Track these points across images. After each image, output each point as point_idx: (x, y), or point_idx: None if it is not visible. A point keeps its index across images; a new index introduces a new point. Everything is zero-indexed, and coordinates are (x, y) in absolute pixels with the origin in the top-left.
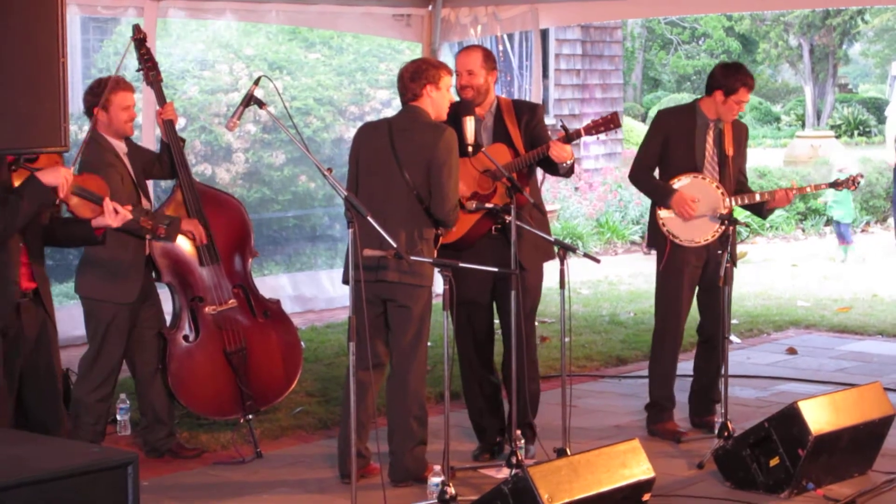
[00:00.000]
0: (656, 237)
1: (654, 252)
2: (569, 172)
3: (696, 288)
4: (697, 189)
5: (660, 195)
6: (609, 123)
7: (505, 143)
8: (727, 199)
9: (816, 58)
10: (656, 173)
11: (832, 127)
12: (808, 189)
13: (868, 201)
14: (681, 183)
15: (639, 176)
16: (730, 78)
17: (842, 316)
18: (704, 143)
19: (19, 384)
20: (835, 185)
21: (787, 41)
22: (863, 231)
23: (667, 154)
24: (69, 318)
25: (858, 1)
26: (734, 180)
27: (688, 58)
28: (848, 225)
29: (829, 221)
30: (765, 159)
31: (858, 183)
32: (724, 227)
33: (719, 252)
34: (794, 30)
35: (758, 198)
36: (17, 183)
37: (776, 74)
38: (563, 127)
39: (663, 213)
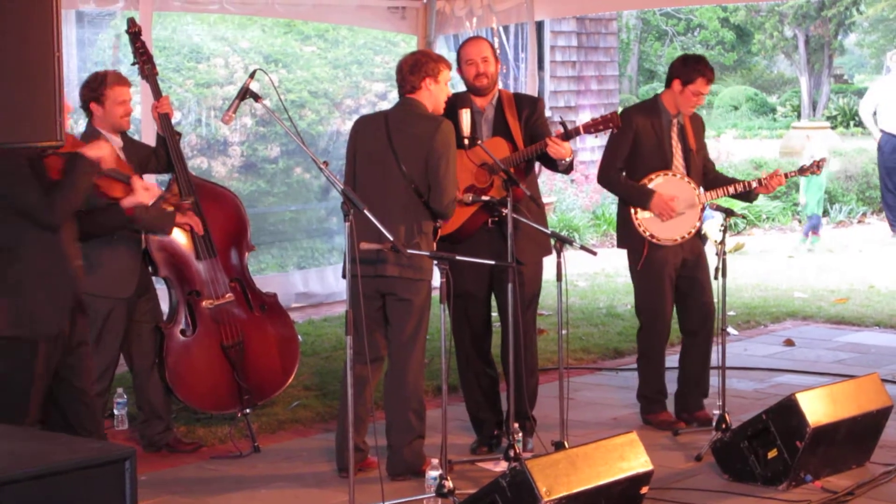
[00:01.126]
0: (629, 237)
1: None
2: (568, 169)
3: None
4: (672, 187)
5: (638, 198)
6: (608, 122)
7: (504, 136)
8: (701, 194)
9: (812, 48)
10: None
11: (828, 118)
12: (785, 176)
13: (864, 192)
14: (654, 182)
15: (610, 177)
16: (688, 68)
17: (839, 307)
18: (671, 139)
19: (54, 383)
20: (801, 171)
21: (782, 32)
22: (859, 222)
23: (636, 153)
24: None
25: None
26: (700, 172)
27: (683, 49)
28: (820, 216)
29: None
30: (761, 150)
31: (821, 167)
32: (702, 223)
33: (718, 243)
34: (789, 20)
35: (731, 190)
36: None
37: (771, 65)
38: (563, 124)
39: (641, 215)
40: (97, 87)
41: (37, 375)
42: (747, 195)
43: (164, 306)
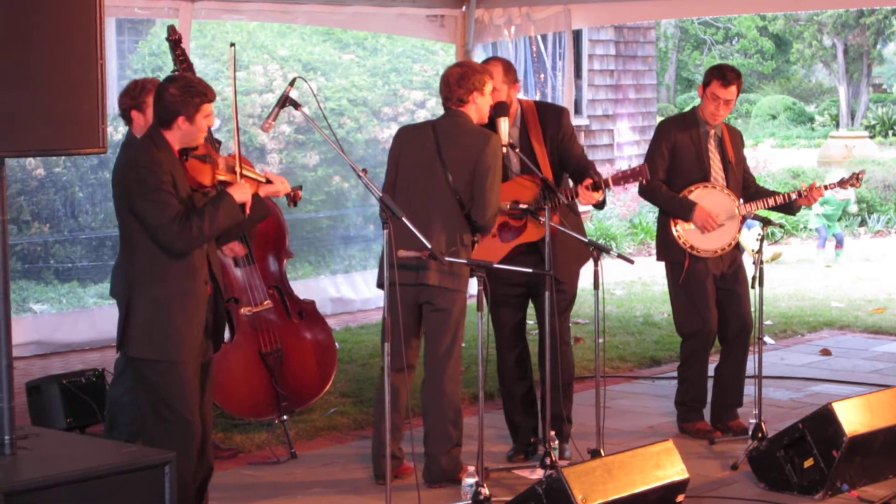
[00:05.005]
0: (669, 250)
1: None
2: (600, 206)
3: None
4: (711, 198)
5: (680, 209)
6: (637, 175)
7: (530, 161)
8: (741, 207)
9: (850, 57)
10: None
11: (866, 127)
12: (824, 189)
13: None
14: (693, 194)
15: (652, 189)
16: (710, 70)
17: (876, 317)
18: (709, 151)
19: None
20: (841, 183)
21: (820, 41)
22: None
23: (674, 165)
24: (105, 318)
25: (893, 0)
26: (740, 185)
27: (721, 58)
28: (842, 232)
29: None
30: (799, 159)
31: (860, 179)
32: (739, 233)
33: (755, 252)
34: (828, 29)
35: (772, 202)
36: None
37: (810, 74)
38: (591, 174)
39: (681, 226)
40: (138, 95)
41: (188, 396)
42: (789, 207)
43: None
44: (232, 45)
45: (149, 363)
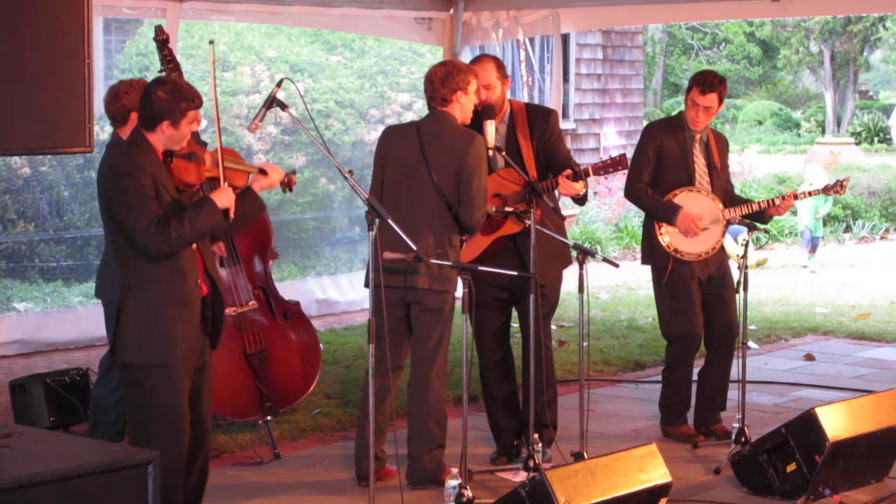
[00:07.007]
0: (654, 254)
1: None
2: (582, 200)
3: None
4: (695, 202)
5: (664, 213)
6: (617, 165)
7: (515, 158)
8: (725, 211)
9: (837, 64)
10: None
11: (852, 134)
12: (803, 196)
13: (888, 208)
14: (677, 198)
15: (637, 191)
16: (693, 77)
17: (860, 322)
18: (693, 155)
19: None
20: (825, 189)
21: (807, 47)
22: (882, 238)
23: (659, 168)
24: (90, 318)
25: (880, 7)
26: (724, 190)
27: (709, 63)
28: (819, 237)
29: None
30: (784, 165)
31: (845, 186)
32: (723, 236)
33: (740, 257)
34: (815, 36)
35: (755, 207)
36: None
37: (797, 81)
38: (571, 165)
39: (665, 230)
40: (136, 97)
41: (178, 402)
42: (760, 215)
43: None
44: (211, 42)
45: (141, 368)
